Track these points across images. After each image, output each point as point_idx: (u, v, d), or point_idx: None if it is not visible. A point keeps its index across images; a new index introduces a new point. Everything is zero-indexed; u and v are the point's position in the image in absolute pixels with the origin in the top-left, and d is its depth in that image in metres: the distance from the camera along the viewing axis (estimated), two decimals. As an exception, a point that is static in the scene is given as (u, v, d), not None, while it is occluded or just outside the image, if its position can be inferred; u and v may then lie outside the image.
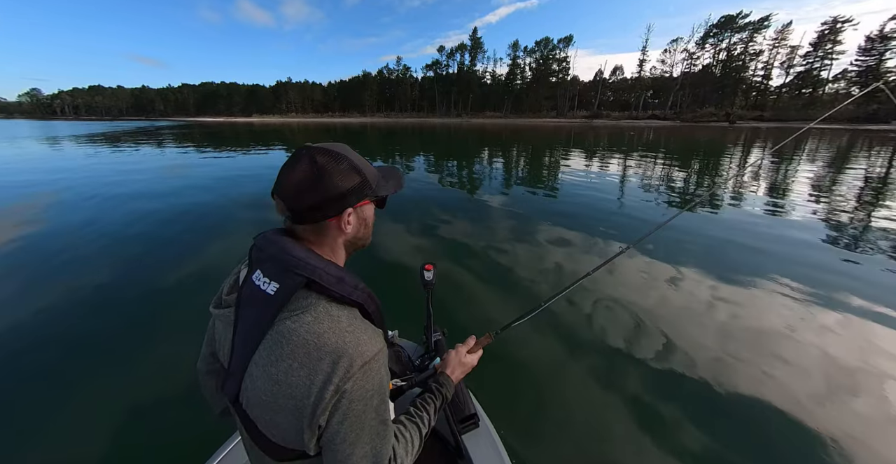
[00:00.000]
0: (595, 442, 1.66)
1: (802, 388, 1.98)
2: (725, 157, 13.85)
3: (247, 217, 5.47)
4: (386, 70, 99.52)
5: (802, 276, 3.30)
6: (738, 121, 50.87)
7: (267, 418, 0.49)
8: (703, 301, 2.88)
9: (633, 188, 7.75)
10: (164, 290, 3.11)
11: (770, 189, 7.73)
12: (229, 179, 8.79)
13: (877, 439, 1.66)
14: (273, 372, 0.47)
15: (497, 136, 28.03)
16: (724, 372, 2.09)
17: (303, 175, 0.50)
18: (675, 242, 4.15)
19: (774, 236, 4.52)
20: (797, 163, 12.43)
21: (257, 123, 63.01)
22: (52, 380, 2.08)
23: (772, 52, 58.24)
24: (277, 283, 0.48)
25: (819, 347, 2.33)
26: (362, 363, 0.47)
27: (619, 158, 13.30)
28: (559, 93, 75.53)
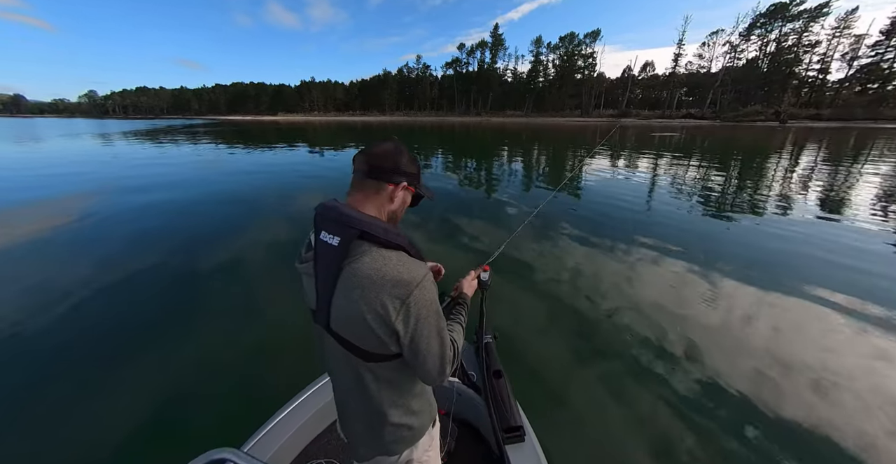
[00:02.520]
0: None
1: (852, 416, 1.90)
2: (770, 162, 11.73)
3: (276, 214, 5.78)
4: (406, 69, 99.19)
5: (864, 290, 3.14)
6: (789, 120, 45.36)
7: (356, 333, 0.65)
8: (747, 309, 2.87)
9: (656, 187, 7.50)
10: (199, 275, 3.50)
11: (828, 200, 6.70)
12: (256, 173, 9.30)
13: None
14: (352, 299, 0.63)
15: (517, 135, 27.11)
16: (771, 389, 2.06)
17: (387, 148, 0.72)
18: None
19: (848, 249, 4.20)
20: (868, 168, 10.21)
21: (282, 122, 65.21)
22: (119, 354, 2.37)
23: (831, 42, 51.62)
24: (339, 236, 0.63)
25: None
26: (416, 283, 0.63)
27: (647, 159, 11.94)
28: (584, 90, 71.38)
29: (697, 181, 8.56)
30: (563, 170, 10.64)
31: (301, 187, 7.85)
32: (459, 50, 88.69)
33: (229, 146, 17.34)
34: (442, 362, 0.69)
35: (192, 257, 3.93)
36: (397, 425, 0.74)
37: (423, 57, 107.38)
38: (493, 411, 1.14)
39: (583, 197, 7.03)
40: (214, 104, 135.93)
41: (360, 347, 0.66)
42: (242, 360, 2.30)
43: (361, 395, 0.72)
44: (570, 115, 70.05)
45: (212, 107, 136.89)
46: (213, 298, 3.09)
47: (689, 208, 6.10)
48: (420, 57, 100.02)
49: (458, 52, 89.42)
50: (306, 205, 6.27)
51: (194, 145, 17.86)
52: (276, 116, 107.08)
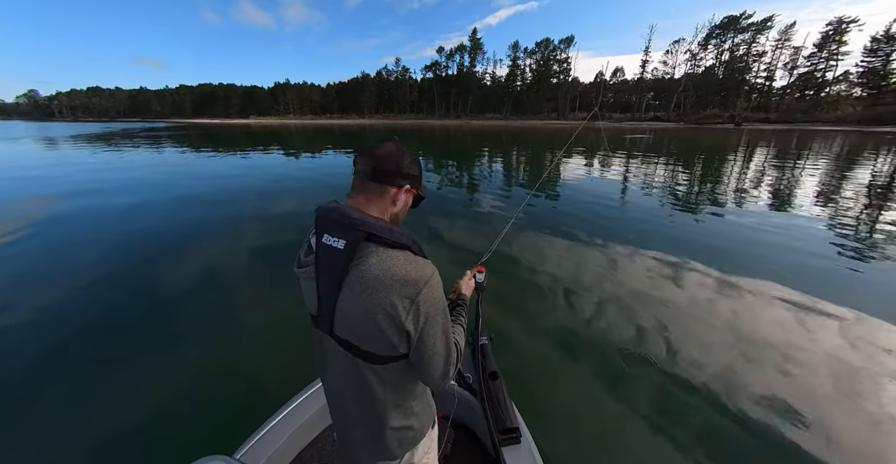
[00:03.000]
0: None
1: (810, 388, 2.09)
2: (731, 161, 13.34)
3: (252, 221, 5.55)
4: (385, 71, 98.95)
5: (805, 274, 3.54)
6: (743, 122, 49.98)
7: (363, 336, 0.64)
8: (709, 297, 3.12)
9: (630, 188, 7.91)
10: (169, 289, 3.30)
11: (777, 193, 7.61)
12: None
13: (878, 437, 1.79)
14: (359, 302, 0.61)
15: (496, 137, 27.78)
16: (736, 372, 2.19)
17: (390, 149, 0.71)
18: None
19: (785, 237, 4.73)
20: (811, 165, 11.88)
21: (255, 125, 62.87)
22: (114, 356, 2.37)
23: (775, 53, 57.63)
24: (344, 239, 0.62)
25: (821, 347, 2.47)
26: (425, 282, 0.63)
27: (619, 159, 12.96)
28: (560, 94, 74.68)
29: (668, 180, 9.27)
30: (543, 170, 11.10)
31: (277, 191, 7.69)
32: (439, 53, 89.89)
33: (196, 151, 16.46)
34: (446, 364, 0.69)
35: (163, 265, 3.81)
36: (399, 428, 0.73)
37: (402, 60, 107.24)
38: (490, 412, 1.13)
39: (566, 196, 7.28)
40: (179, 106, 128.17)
41: (367, 349, 0.65)
42: (232, 366, 2.27)
43: (364, 399, 0.70)
44: (547, 117, 72.92)
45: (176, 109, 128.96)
46: (193, 305, 3.02)
47: (664, 205, 6.53)
48: (399, 59, 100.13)
49: (438, 56, 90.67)
50: (282, 209, 6.22)
51: (156, 150, 16.82)
52: (248, 119, 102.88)
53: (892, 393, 2.08)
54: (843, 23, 51.24)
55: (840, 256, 4.16)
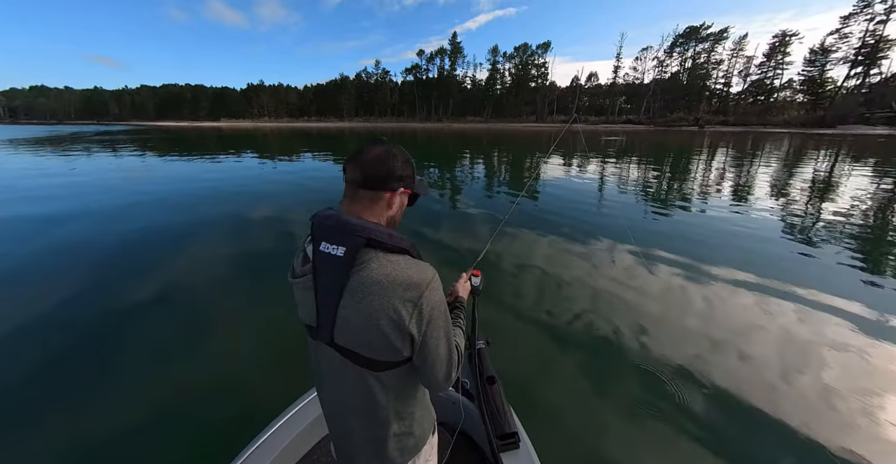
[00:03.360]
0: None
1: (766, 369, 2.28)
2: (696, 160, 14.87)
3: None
4: (364, 74, 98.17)
5: (760, 269, 3.74)
6: (705, 125, 54.14)
7: (365, 343, 0.63)
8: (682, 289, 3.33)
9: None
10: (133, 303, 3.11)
11: (736, 190, 8.34)
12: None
13: (824, 412, 1.96)
14: (361, 308, 0.61)
15: (478, 140, 28.04)
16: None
17: (379, 154, 0.68)
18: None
19: (744, 232, 5.11)
20: (764, 164, 13.45)
21: (226, 128, 60.15)
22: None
23: (730, 61, 63.08)
24: (343, 246, 0.61)
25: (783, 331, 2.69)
26: (426, 285, 0.64)
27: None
28: (538, 98, 77.37)
29: (644, 180, 9.82)
30: (527, 172, 11.34)
31: (248, 197, 7.39)
32: (419, 56, 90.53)
33: (161, 156, 15.39)
34: (449, 366, 0.69)
35: (133, 281, 3.52)
36: (400, 436, 0.73)
37: (382, 62, 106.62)
38: (487, 418, 1.12)
39: (552, 197, 7.43)
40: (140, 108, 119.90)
41: (370, 356, 0.64)
42: (218, 380, 2.22)
43: (366, 407, 0.70)
44: (526, 120, 75.20)
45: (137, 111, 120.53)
46: (167, 318, 2.90)
47: (646, 204, 6.90)
48: (379, 62, 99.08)
49: (418, 59, 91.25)
50: (257, 217, 5.99)
51: (114, 155, 15.57)
52: (219, 121, 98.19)
53: (836, 361, 2.37)
54: (786, 36, 57.14)
55: (791, 243, 4.68)
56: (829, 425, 1.88)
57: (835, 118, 46.65)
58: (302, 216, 5.99)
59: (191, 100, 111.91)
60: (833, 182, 9.24)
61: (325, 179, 10.18)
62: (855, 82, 52.34)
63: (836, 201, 7.12)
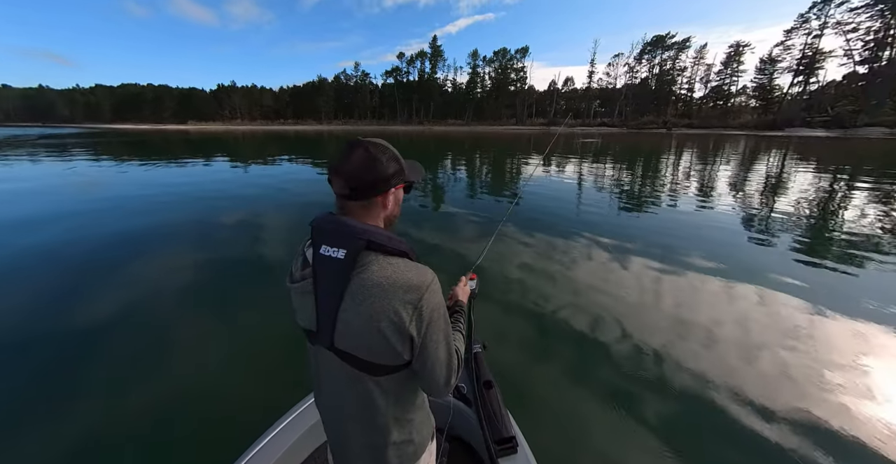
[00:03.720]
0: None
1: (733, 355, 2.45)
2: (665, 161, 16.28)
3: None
4: (343, 76, 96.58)
5: (721, 262, 4.07)
6: (673, 128, 58.08)
7: (366, 348, 0.63)
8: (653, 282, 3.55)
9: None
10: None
11: (702, 188, 9.13)
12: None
13: (778, 390, 2.12)
14: (362, 311, 0.61)
15: (460, 143, 28.28)
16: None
17: (360, 160, 0.64)
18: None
19: (707, 226, 5.59)
20: (722, 163, 14.66)
21: (194, 131, 57.03)
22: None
23: (693, 68, 68.22)
24: (344, 249, 0.62)
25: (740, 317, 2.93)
26: (426, 287, 0.64)
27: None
28: (518, 101, 79.63)
29: (626, 180, 10.34)
30: (520, 175, 11.61)
31: (226, 203, 7.04)
32: (399, 59, 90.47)
33: (118, 162, 14.00)
34: (448, 370, 0.69)
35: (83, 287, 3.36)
36: (400, 443, 0.71)
37: (361, 64, 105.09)
38: (485, 422, 1.11)
39: (541, 200, 7.50)
40: (94, 109, 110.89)
41: (370, 360, 0.64)
42: (219, 385, 2.19)
43: (365, 414, 0.69)
44: (506, 123, 77.13)
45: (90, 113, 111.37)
46: (144, 330, 2.77)
47: (631, 204, 7.20)
48: (358, 64, 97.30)
49: (398, 61, 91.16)
50: (231, 222, 5.71)
51: (63, 161, 14.10)
52: (186, 124, 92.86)
53: (788, 335, 2.65)
54: (739, 46, 62.68)
55: (751, 234, 5.13)
56: (783, 391, 2.10)
57: (782, 122, 51.53)
58: (281, 221, 5.85)
59: (153, 101, 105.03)
60: (782, 179, 10.34)
61: (304, 181, 9.90)
62: (798, 89, 58.41)
63: (785, 196, 7.92)
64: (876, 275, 3.81)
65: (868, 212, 6.52)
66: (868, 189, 8.80)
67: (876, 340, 2.62)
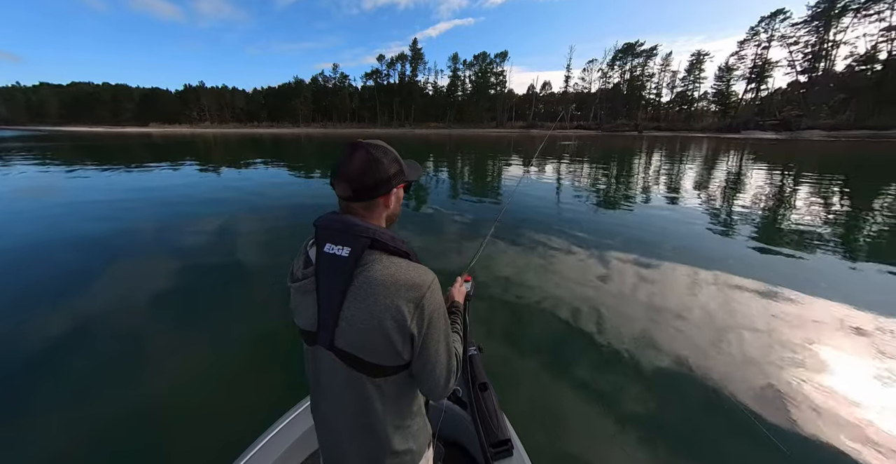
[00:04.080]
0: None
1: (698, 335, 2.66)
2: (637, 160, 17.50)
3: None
4: (321, 77, 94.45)
5: (690, 255, 4.38)
6: (643, 130, 61.79)
7: (367, 347, 0.63)
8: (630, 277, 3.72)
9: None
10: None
11: (670, 186, 9.88)
12: None
13: (738, 368, 2.29)
14: (365, 309, 0.61)
15: (441, 146, 28.15)
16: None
17: (362, 162, 0.66)
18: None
19: (674, 223, 5.98)
20: (688, 163, 16.16)
21: (157, 134, 53.63)
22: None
23: (660, 75, 73.12)
24: (349, 247, 0.63)
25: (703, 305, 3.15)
26: (427, 286, 0.64)
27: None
28: (498, 104, 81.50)
29: (605, 181, 10.96)
30: (499, 177, 11.90)
31: (192, 211, 6.60)
32: (379, 61, 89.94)
33: (69, 169, 12.71)
34: (448, 372, 0.69)
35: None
36: (399, 453, 0.70)
37: (341, 66, 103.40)
38: (480, 425, 1.11)
39: (529, 201, 7.61)
40: (40, 110, 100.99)
41: (370, 360, 0.64)
42: (193, 397, 2.12)
43: (364, 419, 0.68)
44: (487, 126, 78.61)
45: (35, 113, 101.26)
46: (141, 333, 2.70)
47: (609, 203, 7.58)
48: (337, 66, 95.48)
49: (378, 64, 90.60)
50: (202, 231, 5.33)
51: (4, 166, 13.01)
52: (148, 126, 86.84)
53: (748, 318, 2.90)
54: (700, 55, 68.05)
55: (714, 229, 5.57)
56: (747, 363, 2.31)
57: (739, 125, 56.23)
58: (257, 226, 5.67)
59: (111, 101, 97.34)
60: (740, 178, 11.36)
61: (281, 186, 9.57)
62: (751, 96, 64.23)
63: (742, 192, 8.77)
64: (820, 257, 4.33)
65: (810, 204, 7.40)
66: (810, 185, 9.95)
67: (825, 316, 2.94)
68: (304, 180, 10.92)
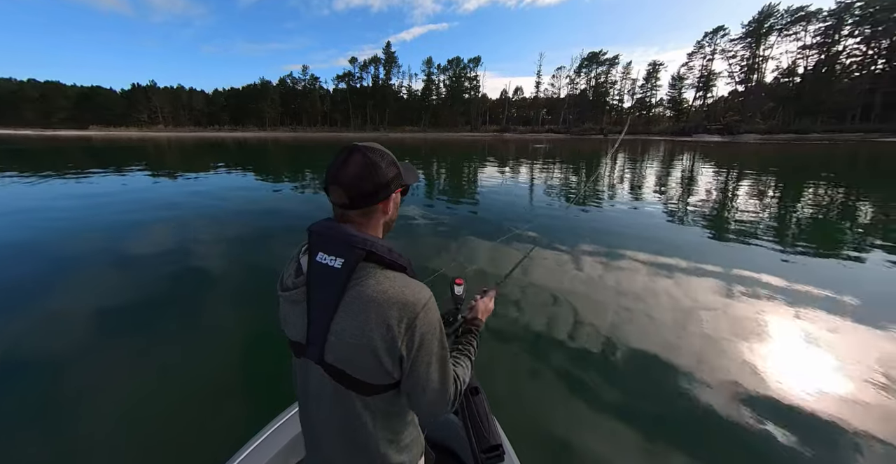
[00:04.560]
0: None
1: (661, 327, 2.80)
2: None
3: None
4: (290, 79, 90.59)
5: (655, 247, 4.67)
6: (608, 134, 66.26)
7: (356, 364, 0.60)
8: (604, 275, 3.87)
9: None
10: None
11: (632, 186, 10.84)
12: None
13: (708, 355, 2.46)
14: (355, 325, 0.58)
15: (416, 149, 28.06)
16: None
17: (358, 168, 0.62)
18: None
19: (635, 219, 6.46)
20: (648, 164, 17.67)
21: (99, 138, 48.80)
22: None
23: (622, 82, 78.94)
24: (342, 258, 0.59)
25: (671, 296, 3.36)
26: (422, 305, 0.61)
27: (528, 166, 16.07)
28: (472, 109, 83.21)
29: (573, 180, 11.56)
30: (474, 179, 12.21)
31: (139, 219, 6.08)
32: (352, 63, 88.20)
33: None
34: (441, 395, 0.65)
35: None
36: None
37: (311, 68, 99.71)
38: (471, 431, 1.07)
39: (519, 202, 8.07)
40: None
41: (359, 378, 0.61)
42: (197, 393, 2.11)
43: (352, 435, 0.65)
44: (461, 129, 79.92)
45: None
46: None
47: (581, 202, 7.88)
48: (307, 67, 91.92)
49: (351, 66, 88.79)
50: (153, 243, 4.88)
51: None
52: (88, 129, 77.98)
53: (705, 303, 3.13)
54: (656, 65, 74.51)
55: (672, 225, 6.09)
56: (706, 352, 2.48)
57: (690, 129, 62.25)
58: (217, 236, 5.25)
59: (39, 100, 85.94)
60: (693, 177, 12.63)
61: (245, 193, 9.02)
62: (699, 102, 71.46)
63: (694, 189, 9.79)
64: (762, 245, 4.80)
65: (750, 199, 8.38)
66: (749, 182, 11.23)
67: (767, 298, 3.27)
68: (270, 187, 10.18)
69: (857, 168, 15.41)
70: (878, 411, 1.97)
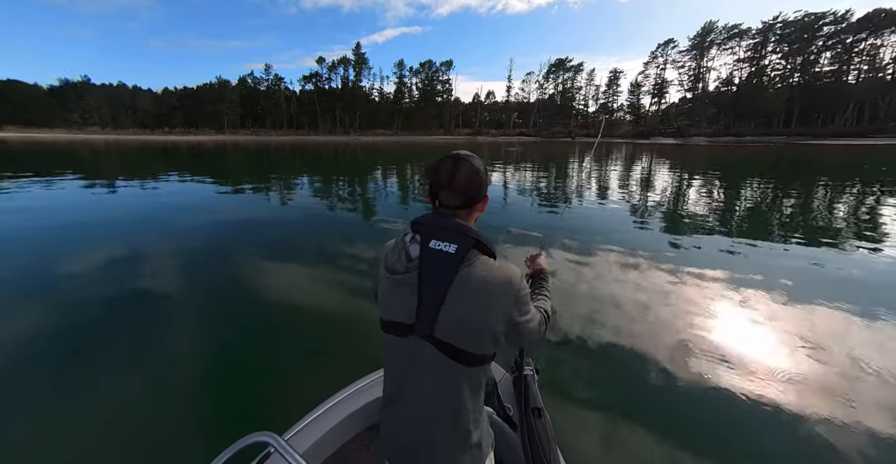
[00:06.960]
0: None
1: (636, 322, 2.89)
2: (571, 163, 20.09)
3: None
4: (251, 79, 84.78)
5: (626, 245, 4.86)
6: (575, 137, 69.63)
7: (468, 336, 0.70)
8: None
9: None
10: None
11: (600, 185, 11.41)
12: None
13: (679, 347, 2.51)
14: (469, 301, 0.69)
15: (390, 152, 27.70)
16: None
17: (468, 174, 0.74)
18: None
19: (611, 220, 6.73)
20: (612, 165, 18.80)
21: (16, 140, 43.35)
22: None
23: (587, 88, 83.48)
24: (455, 244, 0.70)
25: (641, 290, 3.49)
26: (519, 278, 0.75)
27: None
28: (445, 112, 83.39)
29: (544, 182, 11.78)
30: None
31: (68, 235, 5.36)
32: (319, 64, 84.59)
33: None
34: (540, 326, 0.83)
35: None
36: (474, 446, 0.75)
37: (275, 67, 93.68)
38: (531, 453, 1.04)
39: (514, 204, 8.40)
40: None
41: (468, 350, 0.70)
42: (291, 351, 2.36)
43: (453, 409, 0.73)
44: (435, 133, 79.73)
45: None
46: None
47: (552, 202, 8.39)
48: (270, 66, 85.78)
49: (319, 67, 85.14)
50: (91, 260, 4.30)
51: None
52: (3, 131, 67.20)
53: (664, 292, 3.39)
54: (616, 72, 79.76)
55: (635, 223, 6.42)
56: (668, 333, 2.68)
57: (648, 132, 67.08)
58: (165, 251, 4.66)
59: (-66, 97, 72.52)
60: (652, 177, 13.64)
61: (198, 201, 8.32)
62: (655, 108, 77.59)
63: (655, 189, 10.50)
64: (717, 239, 5.22)
65: (703, 196, 9.26)
66: (701, 180, 12.30)
67: (722, 287, 3.52)
68: (231, 195, 9.36)
69: (795, 169, 16.97)
70: (815, 381, 2.20)
